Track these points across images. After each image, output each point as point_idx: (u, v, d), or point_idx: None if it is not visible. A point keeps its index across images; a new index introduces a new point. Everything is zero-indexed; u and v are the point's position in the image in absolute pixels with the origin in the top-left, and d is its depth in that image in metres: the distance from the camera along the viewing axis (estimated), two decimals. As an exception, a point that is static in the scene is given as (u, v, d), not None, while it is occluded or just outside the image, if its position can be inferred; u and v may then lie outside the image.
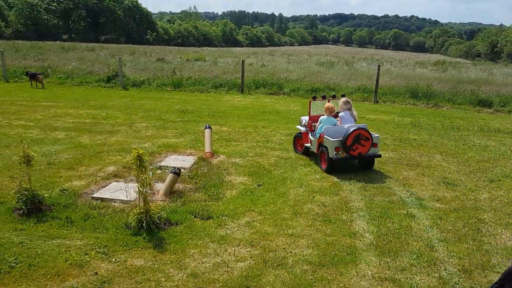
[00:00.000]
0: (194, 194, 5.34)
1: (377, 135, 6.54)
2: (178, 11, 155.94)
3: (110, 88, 16.00)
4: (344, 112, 6.75)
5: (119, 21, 76.75)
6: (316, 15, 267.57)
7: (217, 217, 4.69)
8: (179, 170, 5.49)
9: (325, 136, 6.40)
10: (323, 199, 5.30)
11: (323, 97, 7.20)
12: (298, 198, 5.30)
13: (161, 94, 15.02)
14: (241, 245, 4.10)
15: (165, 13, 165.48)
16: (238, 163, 6.68)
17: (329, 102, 6.86)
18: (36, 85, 15.56)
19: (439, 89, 15.54)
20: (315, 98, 7.18)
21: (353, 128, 6.23)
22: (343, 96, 7.08)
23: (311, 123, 7.05)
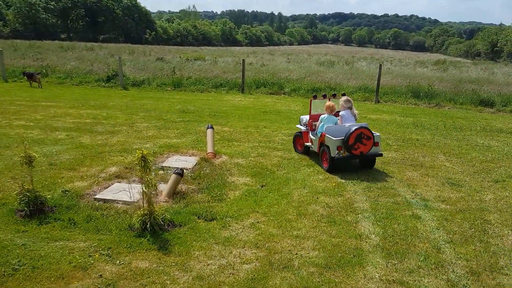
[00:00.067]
0: (197, 195, 5.30)
1: (378, 134, 6.52)
2: (177, 10, 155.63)
3: (110, 88, 15.94)
4: (344, 111, 6.72)
5: (118, 20, 76.55)
6: (316, 14, 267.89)
7: (221, 219, 4.65)
8: (182, 170, 5.45)
9: (326, 135, 6.37)
10: (327, 200, 5.26)
11: (324, 96, 7.17)
12: (302, 199, 5.26)
13: (161, 94, 14.96)
14: (246, 247, 4.06)
15: (164, 12, 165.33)
16: (240, 163, 6.64)
17: (330, 101, 6.84)
18: (31, 84, 15.49)
19: (440, 88, 15.50)
20: (316, 97, 7.16)
21: (355, 127, 6.20)
22: (344, 95, 7.05)
23: (312, 122, 7.03)
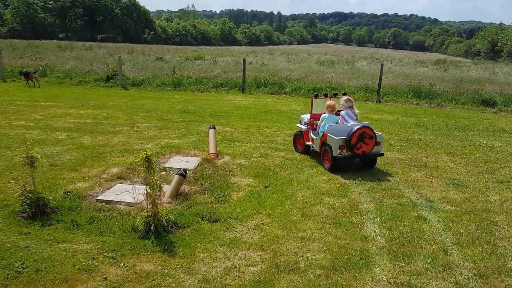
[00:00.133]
0: (200, 196, 5.25)
1: (380, 133, 6.50)
2: (176, 10, 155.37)
3: (110, 88, 15.86)
4: (345, 111, 6.71)
5: (117, 20, 76.33)
6: (315, 13, 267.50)
7: (224, 220, 4.61)
8: (185, 171, 5.40)
9: (328, 135, 6.34)
10: (331, 201, 5.23)
11: (325, 95, 7.20)
12: (306, 200, 5.22)
13: (161, 93, 14.90)
14: (251, 249, 4.02)
15: (163, 11, 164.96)
16: (243, 164, 6.60)
17: (331, 100, 6.82)
18: (27, 83, 15.43)
19: (442, 88, 15.45)
20: (317, 96, 7.15)
21: (357, 127, 6.19)
22: (345, 94, 7.04)
23: (313, 121, 7.01)
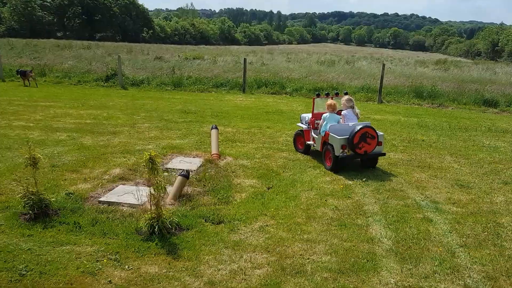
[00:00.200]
0: (203, 198, 5.21)
1: (382, 133, 6.49)
2: (175, 8, 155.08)
3: (109, 88, 15.80)
4: (346, 110, 6.70)
5: (115, 19, 76.14)
6: (315, 13, 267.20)
7: (228, 222, 4.57)
8: (188, 172, 5.36)
9: (330, 134, 6.32)
10: (336, 202, 5.19)
11: (326, 94, 7.19)
12: (310, 202, 5.18)
13: (161, 93, 14.84)
14: (257, 251, 3.98)
15: (162, 10, 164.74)
16: (245, 165, 6.55)
17: (332, 100, 6.80)
18: (24, 83, 15.36)
19: (443, 88, 15.40)
20: (318, 95, 7.15)
21: (359, 126, 6.18)
22: (346, 94, 7.03)
23: (314, 120, 6.99)
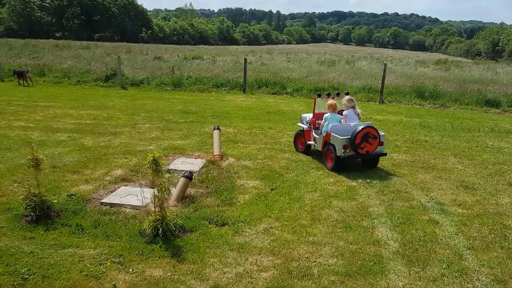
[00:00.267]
0: (206, 199, 5.16)
1: (383, 133, 6.47)
2: (174, 8, 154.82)
3: (109, 88, 15.71)
4: (348, 111, 6.68)
5: (114, 19, 76.00)
6: (315, 12, 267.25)
7: (232, 224, 4.52)
8: (191, 174, 5.30)
9: (332, 134, 6.29)
10: (340, 204, 5.14)
11: (327, 94, 7.17)
12: (315, 203, 5.13)
13: (161, 93, 14.77)
14: (262, 253, 3.93)
15: (161, 10, 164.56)
16: (248, 166, 6.50)
17: (333, 100, 6.77)
18: (22, 83, 15.28)
19: (445, 88, 15.33)
20: (320, 95, 7.13)
21: (361, 126, 6.15)
22: (347, 94, 7.00)
23: (315, 120, 6.96)
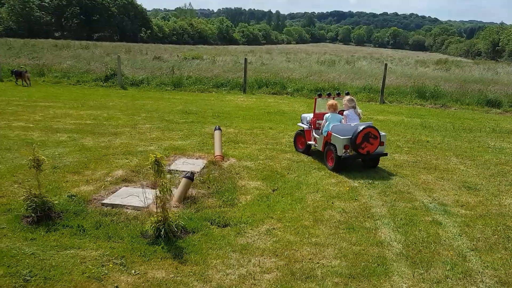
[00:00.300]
0: (208, 200, 5.13)
1: (384, 133, 6.46)
2: (173, 8, 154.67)
3: (108, 88, 15.69)
4: (348, 111, 6.67)
5: (113, 19, 75.89)
6: (314, 12, 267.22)
7: (234, 225, 4.49)
8: (192, 174, 5.28)
9: (333, 134, 6.28)
10: (342, 205, 5.12)
11: (328, 94, 7.17)
12: (317, 204, 5.11)
13: (161, 94, 14.74)
14: (265, 255, 3.91)
15: (160, 10, 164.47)
16: (249, 166, 6.48)
17: (333, 100, 6.76)
18: (20, 83, 15.24)
19: (446, 89, 15.30)
20: (320, 95, 7.12)
21: (362, 126, 6.15)
22: (347, 94, 6.98)
23: (316, 120, 6.95)
